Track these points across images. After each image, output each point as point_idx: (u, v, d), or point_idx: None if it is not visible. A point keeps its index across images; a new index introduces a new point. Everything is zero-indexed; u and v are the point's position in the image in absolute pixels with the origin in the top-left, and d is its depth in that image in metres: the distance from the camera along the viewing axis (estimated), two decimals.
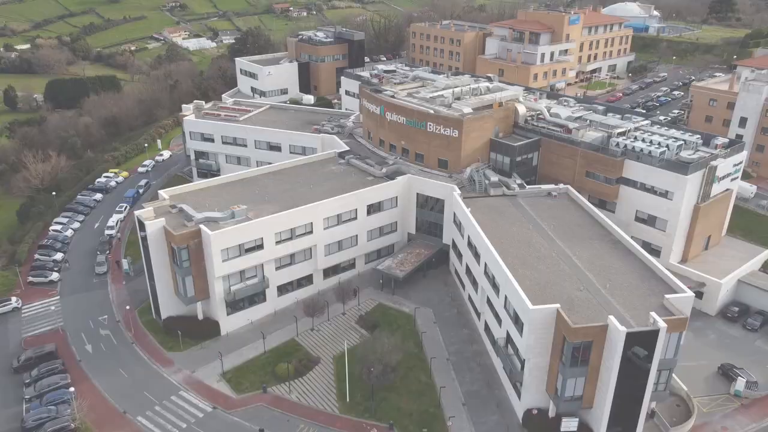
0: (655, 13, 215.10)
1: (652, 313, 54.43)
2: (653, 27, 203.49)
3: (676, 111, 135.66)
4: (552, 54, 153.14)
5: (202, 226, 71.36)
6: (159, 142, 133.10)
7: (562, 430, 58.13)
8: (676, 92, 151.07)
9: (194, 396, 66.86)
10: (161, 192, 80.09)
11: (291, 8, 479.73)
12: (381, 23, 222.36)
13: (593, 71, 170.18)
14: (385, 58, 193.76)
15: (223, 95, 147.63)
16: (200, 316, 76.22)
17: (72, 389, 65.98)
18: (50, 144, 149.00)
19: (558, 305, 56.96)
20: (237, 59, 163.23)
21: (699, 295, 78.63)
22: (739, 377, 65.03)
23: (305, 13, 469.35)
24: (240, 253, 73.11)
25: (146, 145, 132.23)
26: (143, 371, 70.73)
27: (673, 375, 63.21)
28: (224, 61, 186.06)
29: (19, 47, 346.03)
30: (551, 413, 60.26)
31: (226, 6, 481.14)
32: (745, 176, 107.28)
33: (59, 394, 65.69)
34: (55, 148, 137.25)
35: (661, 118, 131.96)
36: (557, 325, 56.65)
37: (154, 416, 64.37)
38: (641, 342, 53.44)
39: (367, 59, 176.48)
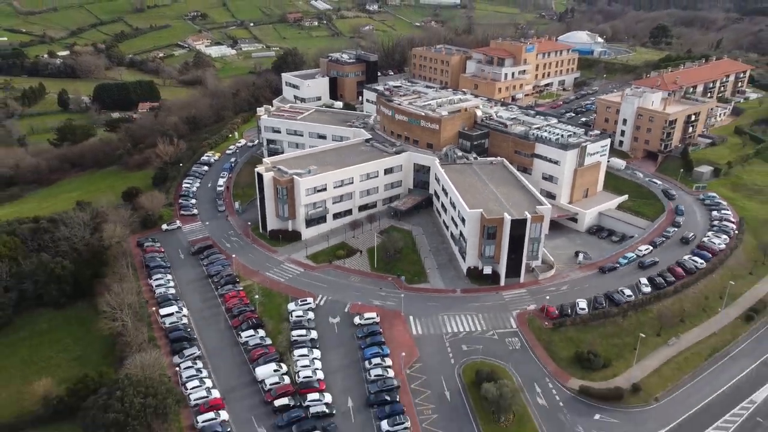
0: (600, 39, 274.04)
1: (526, 212, 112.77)
2: (597, 51, 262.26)
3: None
4: (513, 73, 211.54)
5: (294, 176, 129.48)
6: (236, 133, 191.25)
7: (484, 273, 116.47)
8: None
9: (293, 266, 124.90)
10: (265, 159, 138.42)
11: (303, 18, 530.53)
12: (390, 44, 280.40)
13: (546, 85, 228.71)
14: (392, 73, 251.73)
15: (273, 101, 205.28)
16: (290, 229, 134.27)
17: (234, 255, 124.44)
18: (147, 136, 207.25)
19: (482, 210, 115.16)
20: (283, 74, 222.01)
21: (575, 220, 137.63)
22: (580, 254, 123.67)
23: (316, 23, 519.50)
24: (314, 192, 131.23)
25: (229, 135, 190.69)
26: (261, 255, 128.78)
27: (548, 253, 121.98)
28: (270, 74, 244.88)
29: (60, 54, 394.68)
30: (480, 267, 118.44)
31: (243, 16, 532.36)
32: (626, 156, 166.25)
33: (223, 261, 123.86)
34: (153, 138, 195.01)
35: (583, 119, 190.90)
36: (481, 220, 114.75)
37: (273, 273, 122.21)
38: (519, 226, 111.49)
39: (379, 73, 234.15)
